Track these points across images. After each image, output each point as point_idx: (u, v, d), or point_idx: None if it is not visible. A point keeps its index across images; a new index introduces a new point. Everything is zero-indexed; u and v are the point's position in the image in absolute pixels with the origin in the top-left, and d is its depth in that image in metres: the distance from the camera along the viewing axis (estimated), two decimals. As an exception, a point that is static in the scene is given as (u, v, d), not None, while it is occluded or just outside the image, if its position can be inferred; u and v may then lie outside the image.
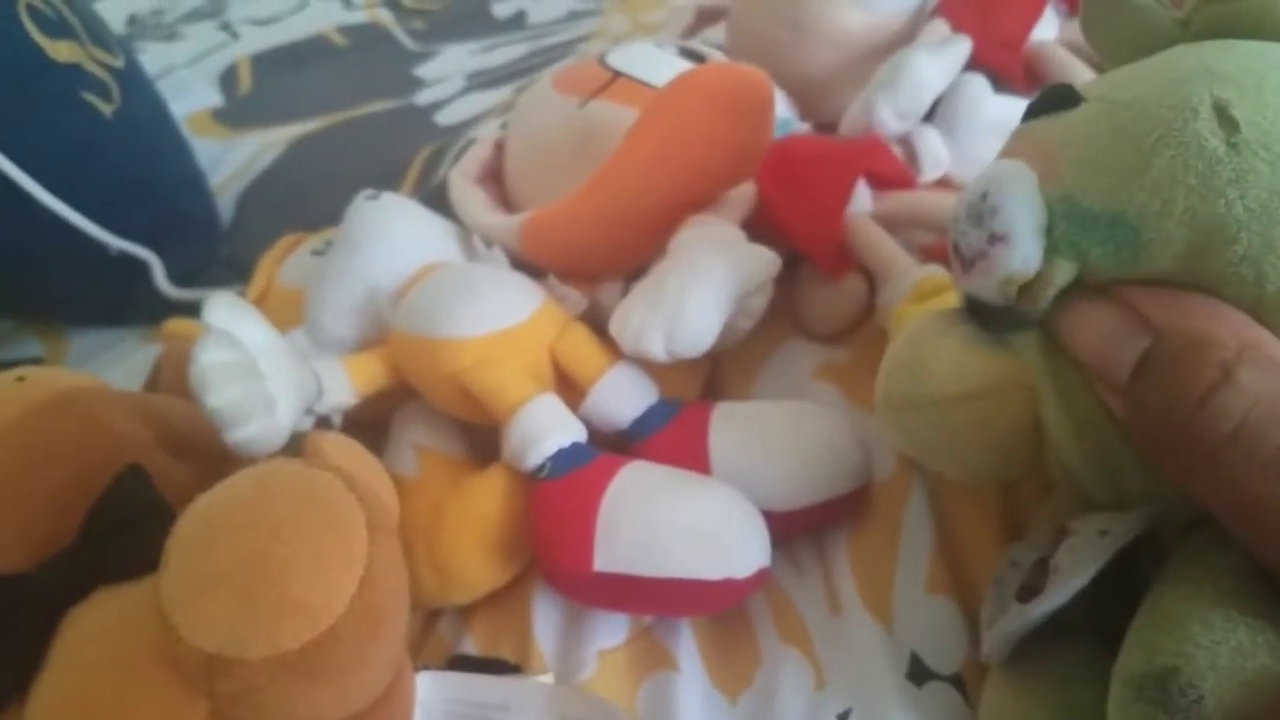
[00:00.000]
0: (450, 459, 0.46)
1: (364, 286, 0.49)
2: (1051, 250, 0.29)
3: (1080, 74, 0.54)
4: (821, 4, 0.59)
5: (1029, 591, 0.31)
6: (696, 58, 0.54)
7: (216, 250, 0.78)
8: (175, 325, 0.59)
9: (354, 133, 0.90)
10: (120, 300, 0.72)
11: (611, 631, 0.42)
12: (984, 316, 0.32)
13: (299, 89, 0.98)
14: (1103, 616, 0.29)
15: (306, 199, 0.81)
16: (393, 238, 0.50)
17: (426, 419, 0.48)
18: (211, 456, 0.41)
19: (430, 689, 0.38)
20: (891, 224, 0.50)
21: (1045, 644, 0.31)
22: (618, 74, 0.52)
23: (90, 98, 0.72)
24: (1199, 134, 0.27)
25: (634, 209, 0.46)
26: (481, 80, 0.93)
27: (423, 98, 0.92)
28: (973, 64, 0.55)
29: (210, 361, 0.37)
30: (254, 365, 0.38)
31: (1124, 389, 0.27)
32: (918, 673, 0.38)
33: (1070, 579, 0.29)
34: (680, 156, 0.45)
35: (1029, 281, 0.29)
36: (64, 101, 0.70)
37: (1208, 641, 0.24)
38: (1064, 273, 0.29)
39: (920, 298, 0.44)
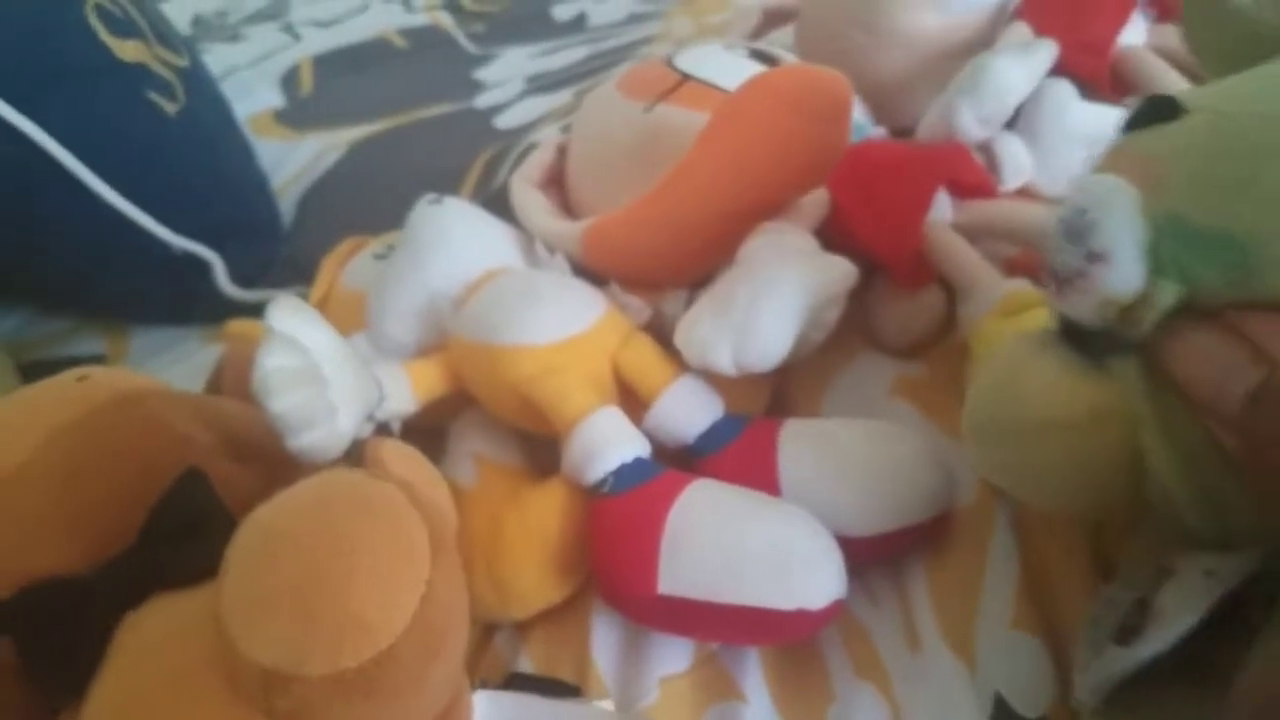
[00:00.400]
0: (509, 469, 0.45)
1: (425, 291, 0.48)
2: (1155, 271, 0.27)
3: (1171, 81, 0.51)
4: (895, 4, 0.57)
5: (1128, 633, 0.29)
6: (768, 60, 0.53)
7: (278, 251, 0.78)
8: (236, 326, 0.59)
9: (414, 135, 0.89)
10: (182, 300, 0.73)
11: (674, 657, 0.41)
12: (1080, 340, 0.30)
13: (359, 91, 0.99)
14: (1199, 660, 0.27)
15: (367, 201, 0.80)
16: (454, 243, 0.49)
17: (485, 428, 0.47)
18: (273, 461, 0.40)
19: (488, 709, 0.36)
20: (973, 234, 0.48)
21: (1140, 688, 0.29)
22: (686, 77, 0.51)
23: (155, 97, 0.72)
24: None
25: (702, 216, 0.45)
26: (541, 83, 0.92)
27: (482, 101, 0.92)
28: (1057, 69, 0.52)
29: (274, 366, 0.36)
30: (317, 371, 0.38)
31: (1236, 421, 0.25)
32: (1002, 715, 0.36)
33: (1177, 622, 0.27)
34: (752, 162, 0.44)
35: (1130, 303, 0.27)
36: (130, 101, 0.71)
37: None
38: (1168, 294, 0.27)
39: (1008, 313, 0.41)
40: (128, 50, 0.72)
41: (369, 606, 0.26)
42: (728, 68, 0.51)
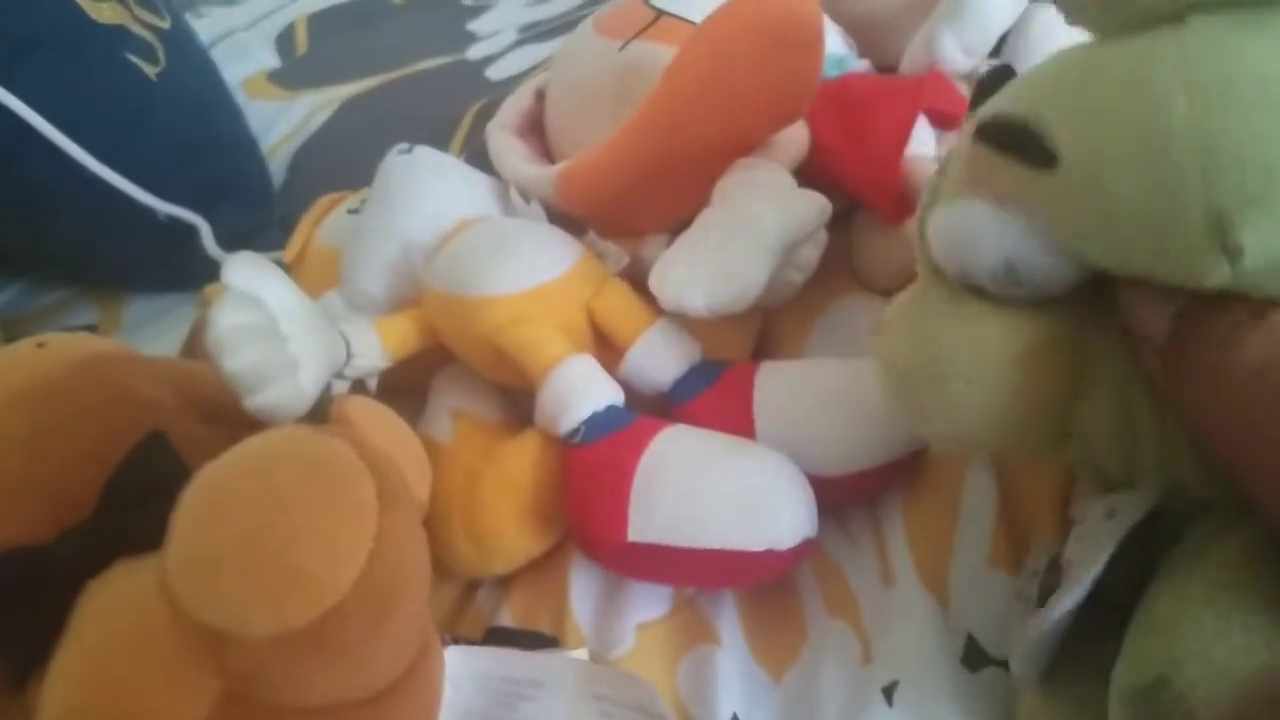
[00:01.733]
0: (486, 424, 0.45)
1: (397, 243, 0.47)
2: None
3: None
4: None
5: (1046, 594, 0.28)
6: (745, -5, 0.51)
7: (270, 214, 0.77)
8: (215, 289, 0.59)
9: (406, 90, 0.88)
10: (174, 266, 0.72)
11: (651, 604, 0.40)
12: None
13: (355, 48, 0.97)
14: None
15: (357, 159, 0.79)
16: (425, 193, 0.48)
17: (463, 382, 0.46)
18: (244, 423, 0.38)
19: (460, 664, 0.36)
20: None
21: (1081, 660, 0.28)
22: (661, 13, 0.49)
23: (135, 60, 0.71)
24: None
25: (673, 153, 0.43)
26: (534, 33, 0.91)
27: (474, 52, 0.90)
28: (1045, -7, 0.50)
29: (228, 324, 0.36)
30: (275, 327, 0.37)
31: (1161, 338, 0.25)
32: (973, 657, 0.35)
33: (1084, 569, 0.26)
34: (721, 94, 0.42)
35: None
36: (109, 64, 0.70)
37: (1199, 646, 0.22)
38: None
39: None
40: (104, 12, 0.71)
41: (313, 563, 0.26)
42: (701, 1, 0.49)
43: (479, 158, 0.54)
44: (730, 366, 0.43)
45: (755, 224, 0.39)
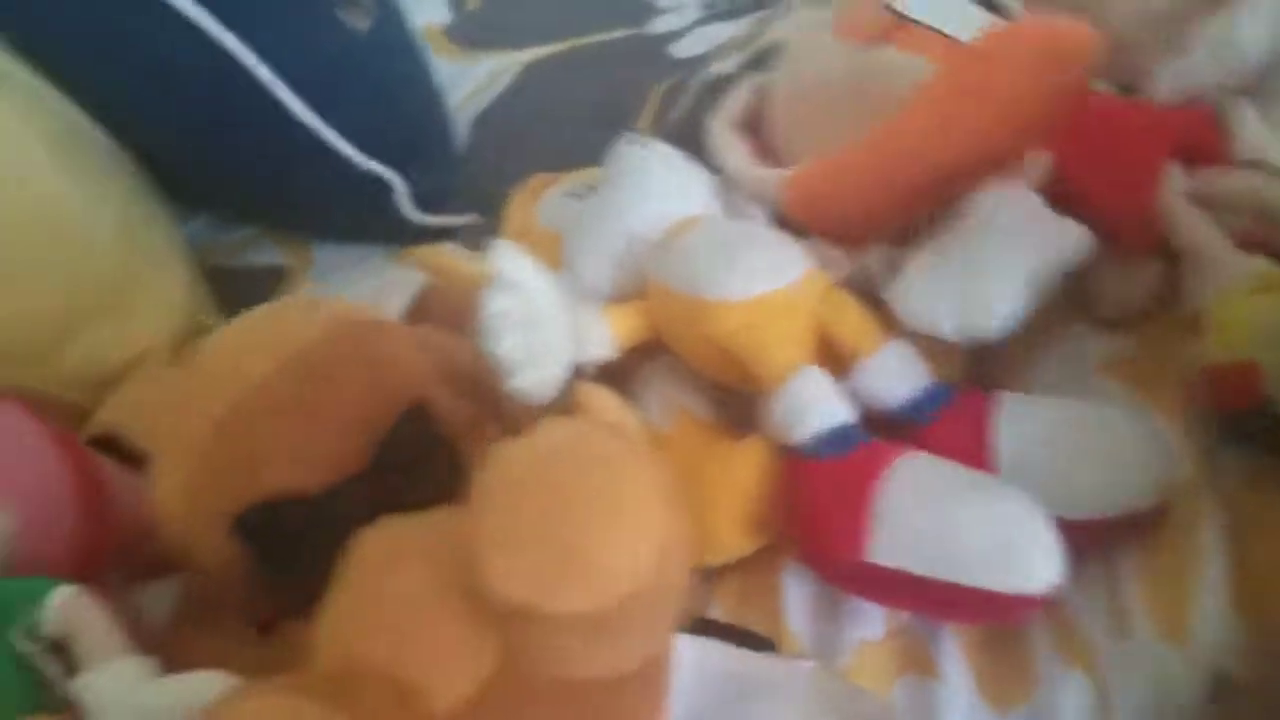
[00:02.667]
0: (702, 420, 0.45)
1: (624, 235, 0.48)
2: None
3: None
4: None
5: None
6: (992, 6, 0.50)
7: (455, 175, 0.78)
8: (421, 253, 0.60)
9: (586, 61, 0.88)
10: (363, 219, 0.74)
11: (870, 623, 0.41)
12: None
13: (529, 10, 0.97)
14: None
15: (540, 128, 0.80)
16: (655, 187, 0.49)
17: (681, 376, 0.47)
18: (485, 394, 0.42)
19: (691, 653, 0.37)
20: (1203, 204, 0.45)
21: None
22: (904, 18, 0.49)
23: (345, 15, 0.73)
24: None
25: (920, 170, 0.43)
26: (718, 10, 0.89)
27: (656, 26, 0.89)
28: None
29: (498, 309, 0.37)
30: (538, 315, 0.38)
31: None
32: (1221, 692, 0.35)
33: None
34: (981, 116, 0.41)
35: None
36: (323, 17, 0.71)
37: None
38: None
39: (1263, 289, 0.39)
40: (320, -36, 0.72)
41: (614, 555, 0.27)
42: (948, 11, 0.48)
43: (668, 140, 0.55)
44: (961, 391, 0.43)
45: (1018, 250, 0.39)
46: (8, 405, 0.45)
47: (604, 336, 0.44)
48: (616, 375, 0.49)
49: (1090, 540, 0.39)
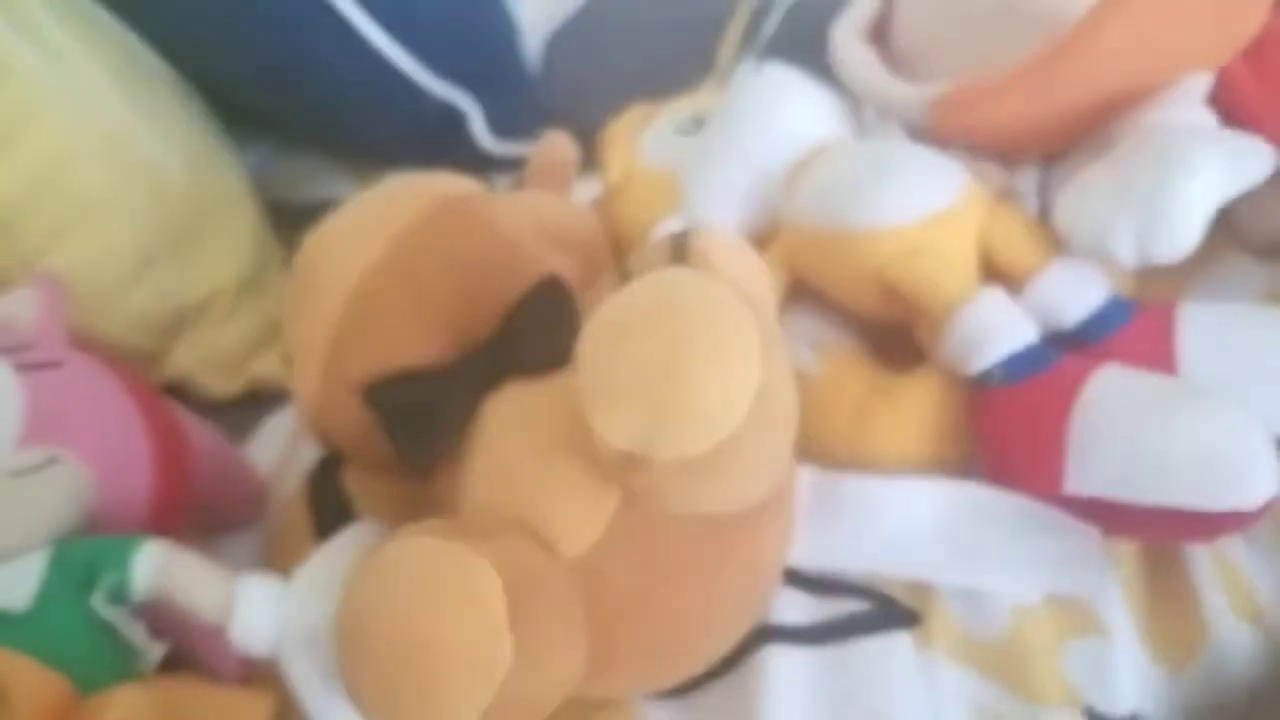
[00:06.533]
0: (855, 357, 0.43)
1: (752, 171, 0.46)
2: None
3: None
4: None
5: None
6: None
7: (529, 99, 0.75)
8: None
9: (666, -30, 0.84)
10: (436, 148, 0.71)
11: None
12: None
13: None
14: None
15: (619, 45, 0.76)
16: (783, 115, 0.47)
17: (819, 312, 0.45)
18: (584, 245, 0.45)
19: (810, 483, 0.39)
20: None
21: None
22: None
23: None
24: None
25: (1088, 93, 0.40)
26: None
27: (742, -69, 0.85)
28: None
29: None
30: None
31: None
32: None
33: None
34: (1157, 40, 0.39)
35: None
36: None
37: None
38: None
39: None
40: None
41: (711, 401, 0.29)
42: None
43: (770, 55, 0.51)
44: (1144, 306, 0.40)
45: (1203, 168, 0.36)
46: (84, 359, 0.44)
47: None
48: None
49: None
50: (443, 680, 0.29)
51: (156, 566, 0.36)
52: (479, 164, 0.70)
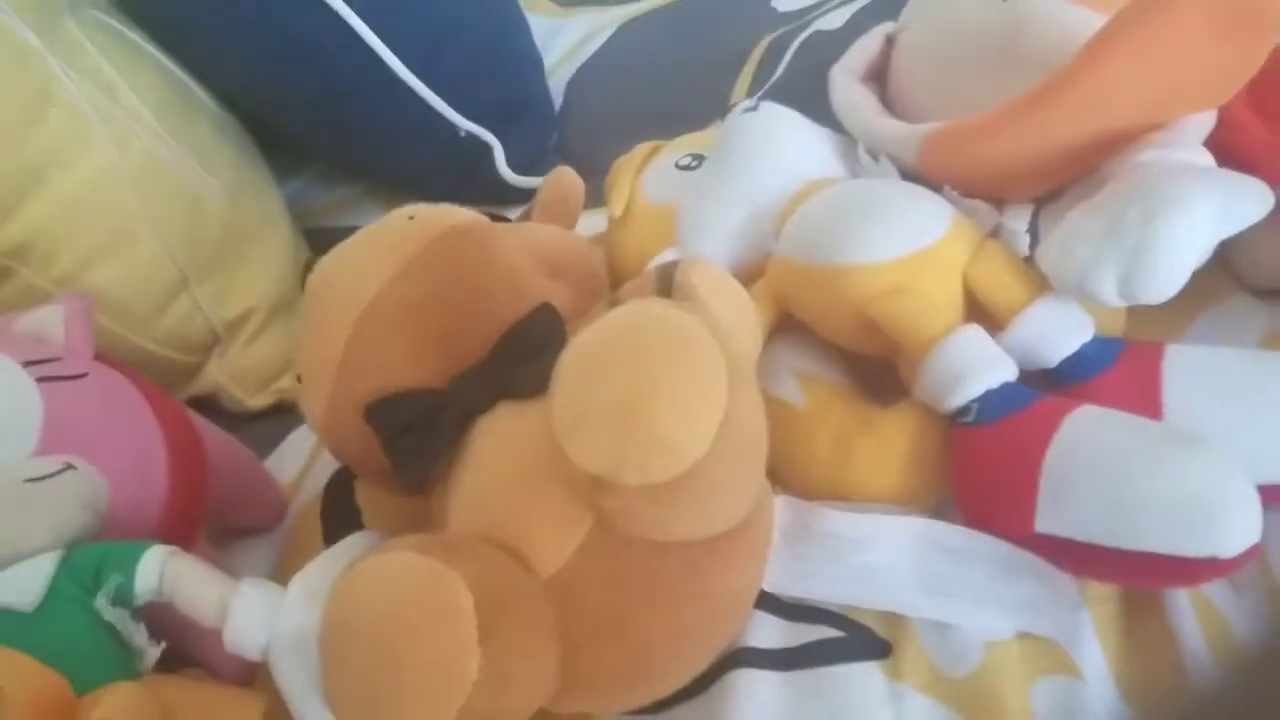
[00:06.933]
0: (837, 388, 0.44)
1: (746, 207, 0.47)
2: None
3: None
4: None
5: None
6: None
7: (551, 136, 0.78)
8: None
9: (686, 16, 0.86)
10: (462, 180, 0.74)
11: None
12: None
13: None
14: None
15: (638, 86, 0.79)
16: (776, 153, 0.47)
17: (806, 343, 0.45)
18: (581, 275, 0.47)
19: (789, 515, 0.40)
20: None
21: None
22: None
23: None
24: None
25: (1084, 131, 0.41)
26: (825, -40, 0.87)
27: (758, -21, 0.87)
28: None
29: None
30: None
31: None
32: None
33: None
34: (1156, 77, 0.39)
35: None
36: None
37: None
38: None
39: None
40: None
41: (676, 430, 0.30)
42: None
43: (771, 98, 0.53)
44: (1130, 344, 0.40)
45: (1192, 207, 0.36)
46: (108, 372, 0.47)
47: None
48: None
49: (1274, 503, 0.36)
50: (411, 689, 0.31)
51: (159, 571, 0.38)
52: (500, 195, 0.72)
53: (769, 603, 0.40)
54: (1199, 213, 0.36)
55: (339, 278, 0.43)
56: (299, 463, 0.59)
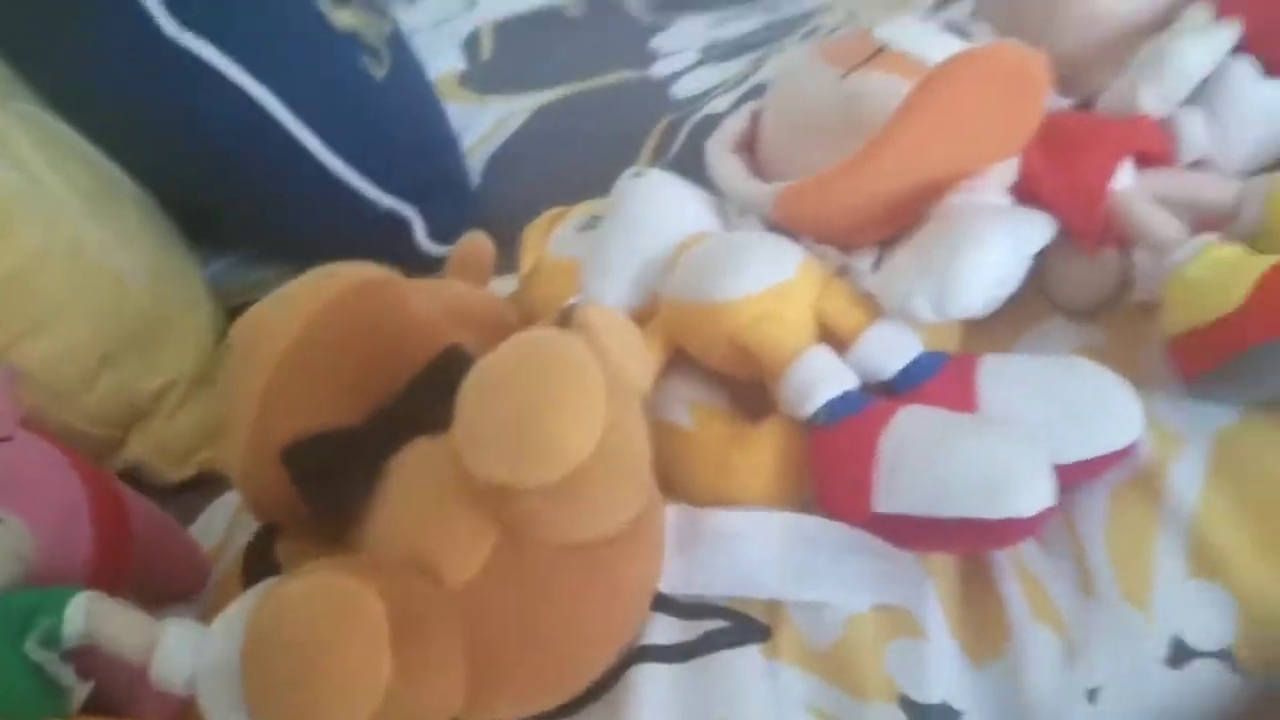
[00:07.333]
0: (719, 411, 0.50)
1: (637, 259, 0.53)
2: None
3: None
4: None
5: None
6: (963, 34, 0.54)
7: (469, 211, 0.83)
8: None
9: (594, 102, 0.94)
10: (382, 254, 0.77)
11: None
12: None
13: (538, 57, 1.03)
14: None
15: (551, 166, 0.85)
16: (659, 213, 0.54)
17: (695, 375, 0.51)
18: (487, 325, 0.50)
19: (676, 520, 0.45)
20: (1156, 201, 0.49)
21: None
22: (886, 46, 0.53)
23: (366, 62, 0.78)
24: None
25: (900, 184, 0.48)
26: (716, 53, 0.95)
27: (658, 69, 0.95)
28: (1239, 49, 0.53)
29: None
30: None
31: None
32: (1179, 655, 0.40)
33: None
34: (953, 135, 0.47)
35: None
36: (344, 66, 0.77)
37: None
38: None
39: (1213, 263, 0.43)
40: (343, 17, 0.77)
41: (563, 434, 0.34)
42: (924, 39, 0.54)
43: (670, 170, 0.59)
44: (952, 357, 0.47)
45: (985, 237, 0.44)
46: (33, 437, 0.49)
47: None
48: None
49: (1073, 480, 0.43)
50: (329, 694, 0.34)
51: (86, 613, 0.39)
52: (420, 266, 0.76)
53: (665, 604, 0.44)
54: (991, 244, 0.44)
55: (256, 332, 0.45)
56: (220, 531, 0.61)
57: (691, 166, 0.61)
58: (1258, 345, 0.41)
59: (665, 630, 0.44)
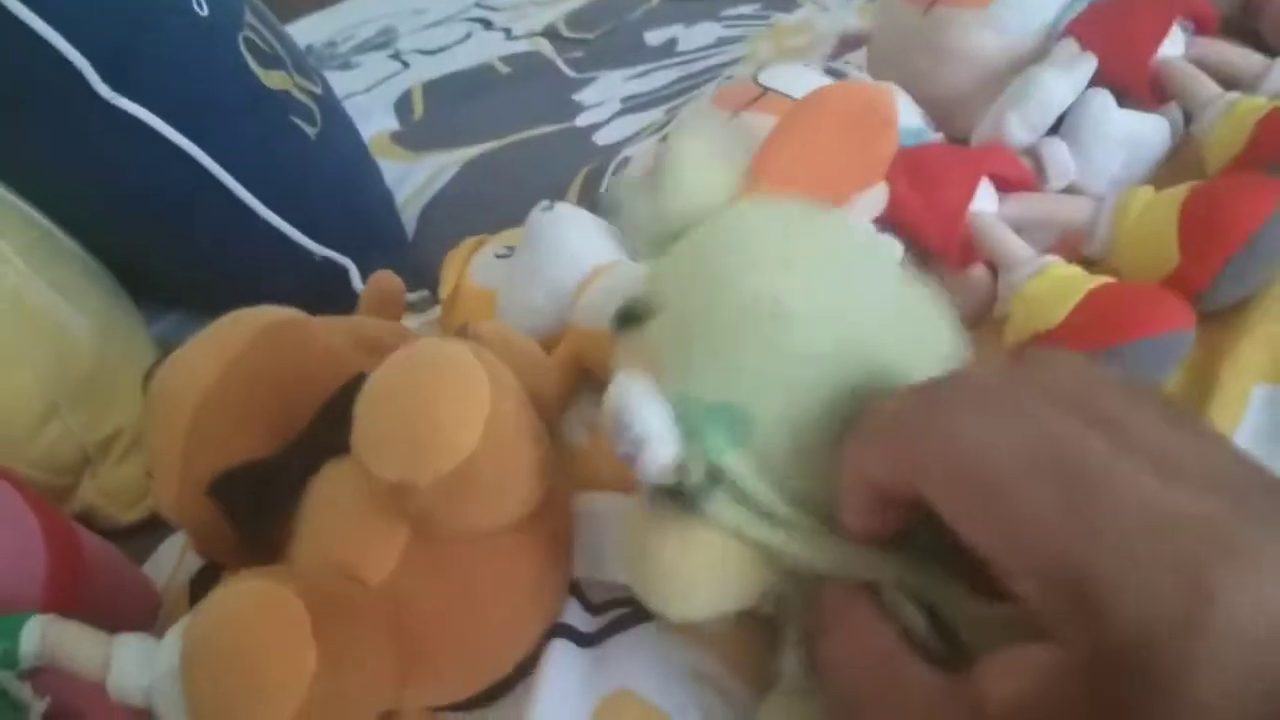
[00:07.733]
0: None
1: (548, 288, 0.57)
2: (691, 439, 0.34)
3: (1204, 88, 0.56)
4: (958, 29, 0.64)
5: None
6: (840, 76, 0.60)
7: (405, 259, 0.86)
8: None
9: (521, 154, 0.98)
10: (322, 300, 0.81)
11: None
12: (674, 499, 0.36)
13: (469, 114, 1.08)
14: None
15: (481, 213, 0.88)
16: (568, 244, 0.58)
17: (597, 398, 0.54)
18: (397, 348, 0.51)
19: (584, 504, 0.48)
20: (1015, 224, 0.54)
21: None
22: (767, 89, 0.59)
23: (298, 121, 0.82)
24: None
25: None
26: (635, 103, 1.01)
27: (582, 120, 1.00)
28: (1099, 80, 0.58)
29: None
30: None
31: None
32: None
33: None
34: (810, 166, 0.51)
35: (680, 470, 0.34)
36: (277, 125, 0.80)
37: None
38: (699, 462, 0.34)
39: (1049, 282, 0.48)
40: (274, 79, 0.81)
41: (450, 427, 0.37)
42: (802, 81, 0.59)
43: (593, 211, 0.64)
44: None
45: None
46: None
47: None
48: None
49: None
50: (258, 685, 0.35)
51: (42, 634, 0.40)
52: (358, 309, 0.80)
53: (582, 599, 0.47)
54: None
55: (175, 378, 0.47)
56: (170, 567, 0.63)
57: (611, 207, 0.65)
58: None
59: (582, 621, 0.46)
